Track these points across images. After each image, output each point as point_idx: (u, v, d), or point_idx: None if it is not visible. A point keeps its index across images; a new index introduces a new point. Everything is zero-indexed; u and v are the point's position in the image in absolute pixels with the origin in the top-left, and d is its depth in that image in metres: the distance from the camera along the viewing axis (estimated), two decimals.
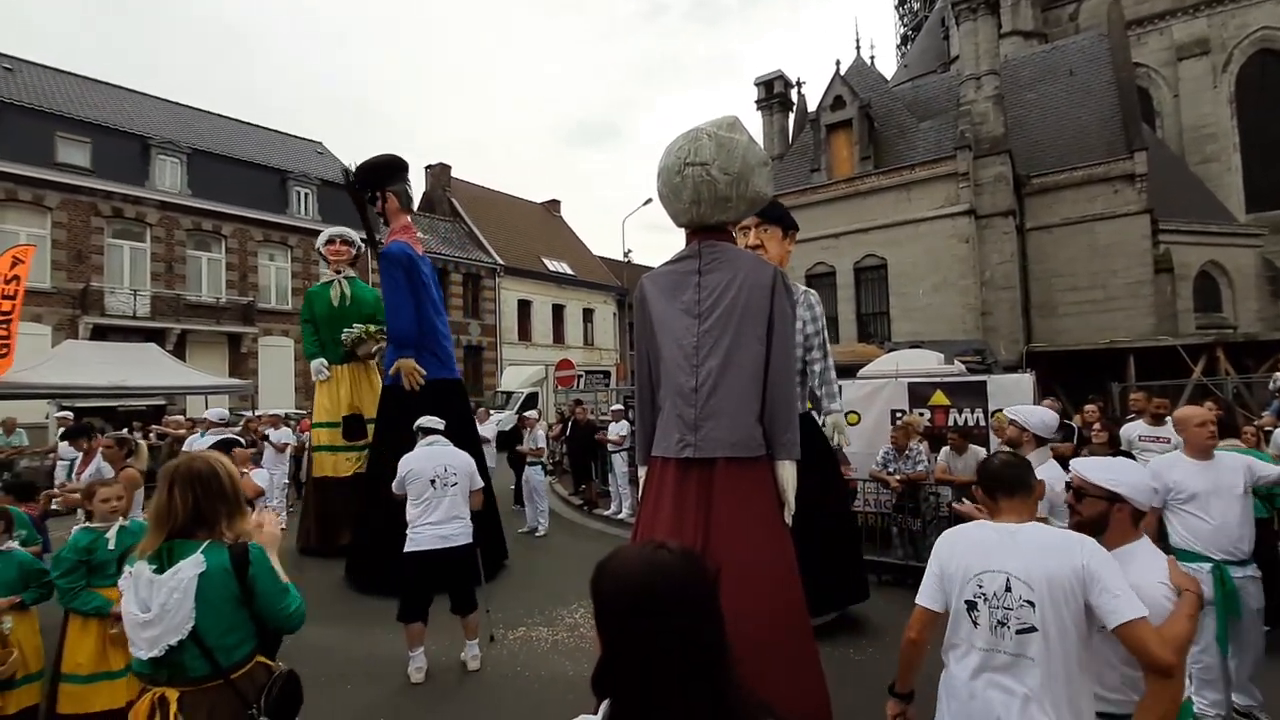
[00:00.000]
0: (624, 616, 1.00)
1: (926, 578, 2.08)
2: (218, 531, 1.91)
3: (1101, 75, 20.85)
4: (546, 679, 4.37)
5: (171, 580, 1.79)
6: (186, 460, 1.97)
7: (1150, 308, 18.12)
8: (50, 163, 17.65)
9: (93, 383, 12.96)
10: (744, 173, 3.00)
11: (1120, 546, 1.98)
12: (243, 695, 1.81)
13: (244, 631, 1.89)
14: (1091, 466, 2.14)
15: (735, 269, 3.05)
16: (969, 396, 7.68)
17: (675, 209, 3.16)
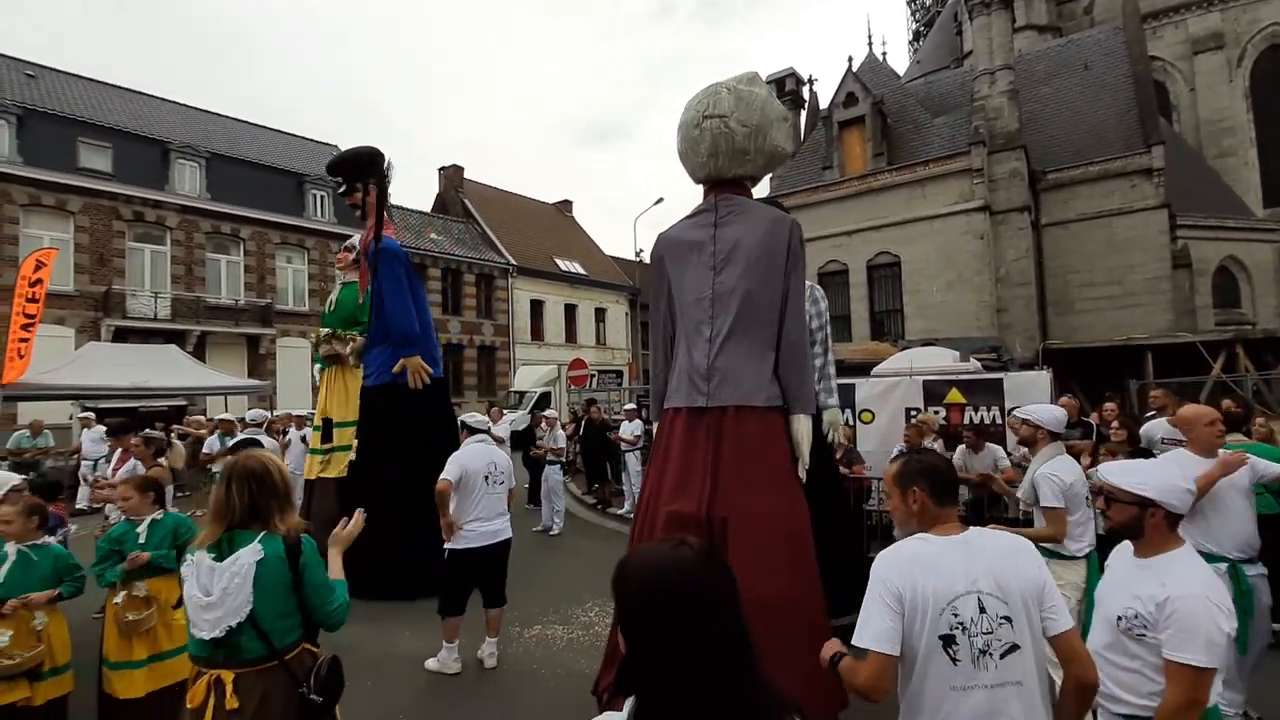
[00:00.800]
0: (642, 613, 1.01)
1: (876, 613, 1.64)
2: (271, 524, 2.05)
3: (1117, 69, 20.59)
4: (562, 676, 4.42)
5: (232, 566, 1.94)
6: (242, 459, 2.12)
7: (1168, 304, 17.88)
8: (73, 168, 17.97)
9: (115, 384, 13.19)
10: (762, 125, 2.98)
11: (1159, 554, 1.90)
12: (294, 675, 1.95)
13: (294, 618, 2.03)
14: (1118, 471, 2.03)
15: (751, 222, 3.01)
16: (985, 394, 7.63)
17: (693, 163, 3.13)
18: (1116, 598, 1.94)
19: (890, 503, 1.90)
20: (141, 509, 3.47)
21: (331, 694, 2.00)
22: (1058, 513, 3.30)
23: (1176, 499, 1.89)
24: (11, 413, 13.83)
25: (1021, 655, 1.59)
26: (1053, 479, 3.32)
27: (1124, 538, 2.01)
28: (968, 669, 1.58)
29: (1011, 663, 1.58)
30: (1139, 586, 1.86)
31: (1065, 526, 3.30)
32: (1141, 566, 1.92)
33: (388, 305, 6.56)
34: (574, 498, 11.52)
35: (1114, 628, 1.90)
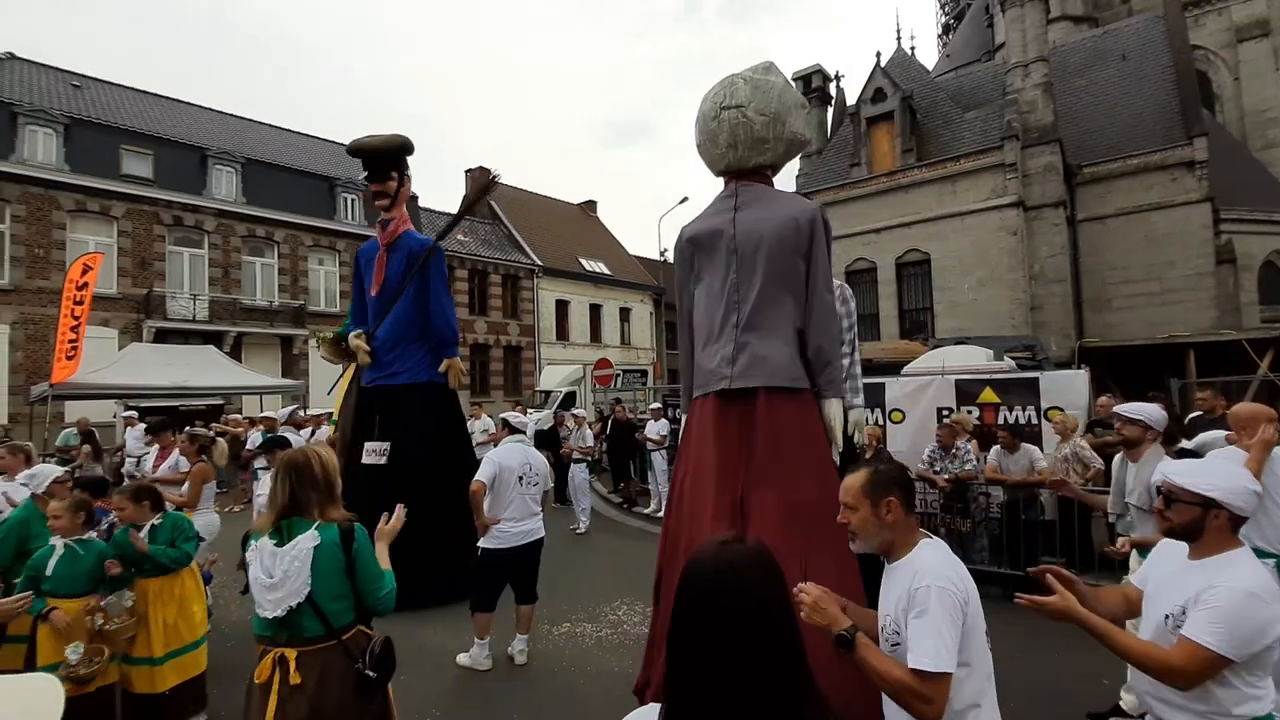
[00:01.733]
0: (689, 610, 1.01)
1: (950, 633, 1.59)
2: (310, 513, 2.15)
3: (1157, 59, 19.96)
4: (592, 674, 4.44)
5: (292, 551, 2.07)
6: (290, 452, 2.27)
7: (1211, 300, 17.27)
8: (116, 174, 18.57)
9: (156, 383, 13.62)
10: (780, 113, 2.97)
11: (1215, 555, 1.84)
12: (350, 653, 2.09)
13: (348, 601, 2.15)
14: (1183, 470, 1.96)
15: (772, 208, 3.00)
16: (1020, 394, 7.48)
17: (712, 155, 3.13)
18: (1166, 598, 1.88)
19: (854, 515, 1.81)
20: (139, 517, 3.53)
21: (385, 670, 2.13)
22: None
23: (1243, 501, 1.82)
24: (59, 411, 14.34)
25: None
26: None
27: (1180, 538, 1.93)
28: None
29: None
30: (1189, 587, 1.80)
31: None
32: (1195, 568, 1.86)
33: (435, 304, 6.43)
34: (600, 496, 11.56)
35: (1163, 627, 1.85)
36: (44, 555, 3.15)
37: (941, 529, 6.77)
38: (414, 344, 6.41)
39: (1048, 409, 7.22)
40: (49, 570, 3.13)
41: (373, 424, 6.18)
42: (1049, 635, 4.72)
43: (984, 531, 6.45)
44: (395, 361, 6.32)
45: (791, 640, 0.98)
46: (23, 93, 18.09)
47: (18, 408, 15.68)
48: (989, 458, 6.49)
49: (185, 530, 3.62)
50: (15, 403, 15.94)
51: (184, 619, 3.48)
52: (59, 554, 3.18)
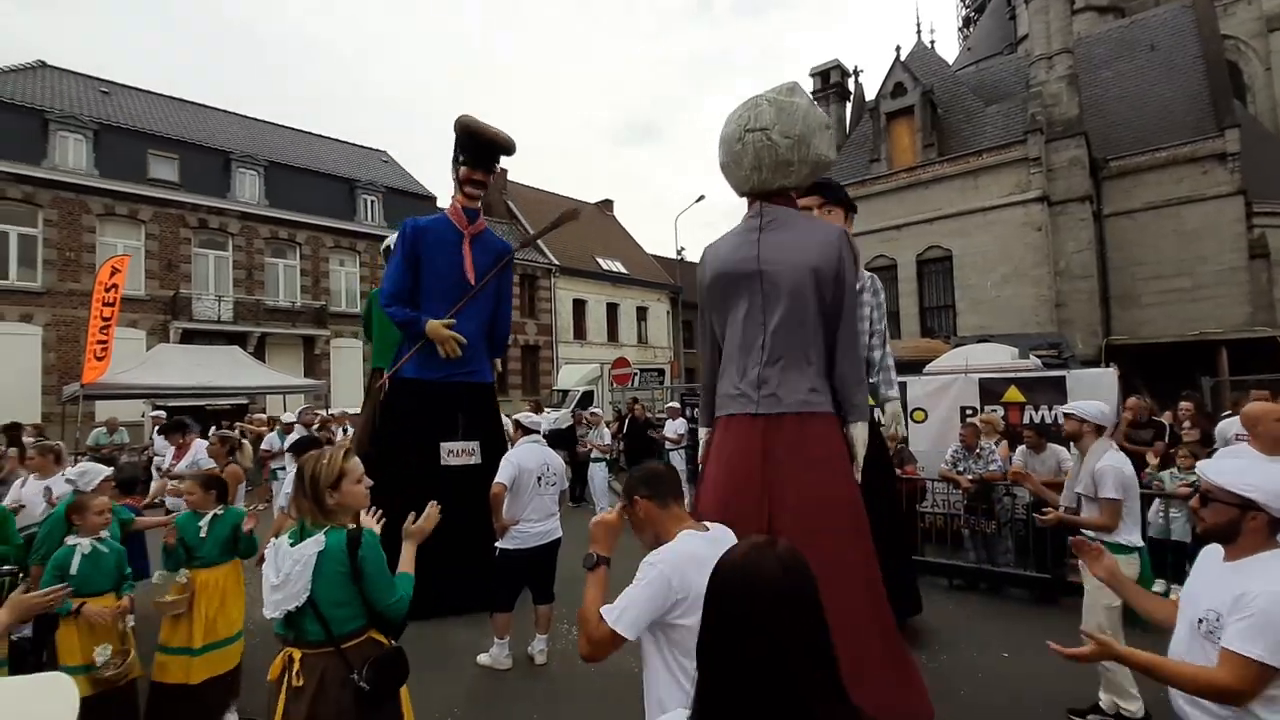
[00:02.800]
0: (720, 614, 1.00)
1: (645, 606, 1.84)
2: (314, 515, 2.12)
3: (1187, 49, 19.47)
4: (611, 674, 4.40)
5: (296, 553, 2.04)
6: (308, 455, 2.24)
7: (1244, 296, 16.81)
8: (143, 178, 18.95)
9: (183, 383, 13.88)
10: (805, 135, 2.96)
11: (1251, 557, 1.78)
12: (349, 662, 2.02)
13: (355, 608, 2.08)
14: (1222, 469, 1.88)
15: (797, 229, 3.01)
16: (1047, 393, 7.32)
17: (737, 177, 3.13)
18: (1200, 602, 1.83)
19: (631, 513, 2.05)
20: (205, 505, 3.64)
21: (383, 685, 2.04)
22: (1116, 504, 3.44)
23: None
24: (90, 411, 14.67)
25: None
26: (1117, 470, 3.45)
27: (1216, 541, 1.87)
28: None
29: None
30: (1225, 589, 1.75)
31: (1119, 519, 3.45)
32: (1231, 570, 1.80)
33: (505, 307, 6.45)
34: (617, 495, 11.53)
35: (1195, 632, 1.79)
36: (66, 554, 3.19)
37: (965, 530, 6.67)
38: (485, 341, 6.28)
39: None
40: (74, 569, 3.17)
41: (450, 423, 5.80)
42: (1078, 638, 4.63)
43: (1009, 533, 6.33)
44: (475, 358, 6.04)
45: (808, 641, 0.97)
46: (53, 100, 18.53)
47: (50, 407, 16.08)
48: (1014, 458, 6.36)
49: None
50: (48, 402, 16.34)
51: (223, 614, 3.54)
52: (84, 553, 3.22)
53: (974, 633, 4.93)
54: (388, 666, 2.08)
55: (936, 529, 6.85)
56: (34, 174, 16.96)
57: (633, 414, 11.44)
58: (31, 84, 18.73)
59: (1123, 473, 3.46)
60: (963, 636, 4.86)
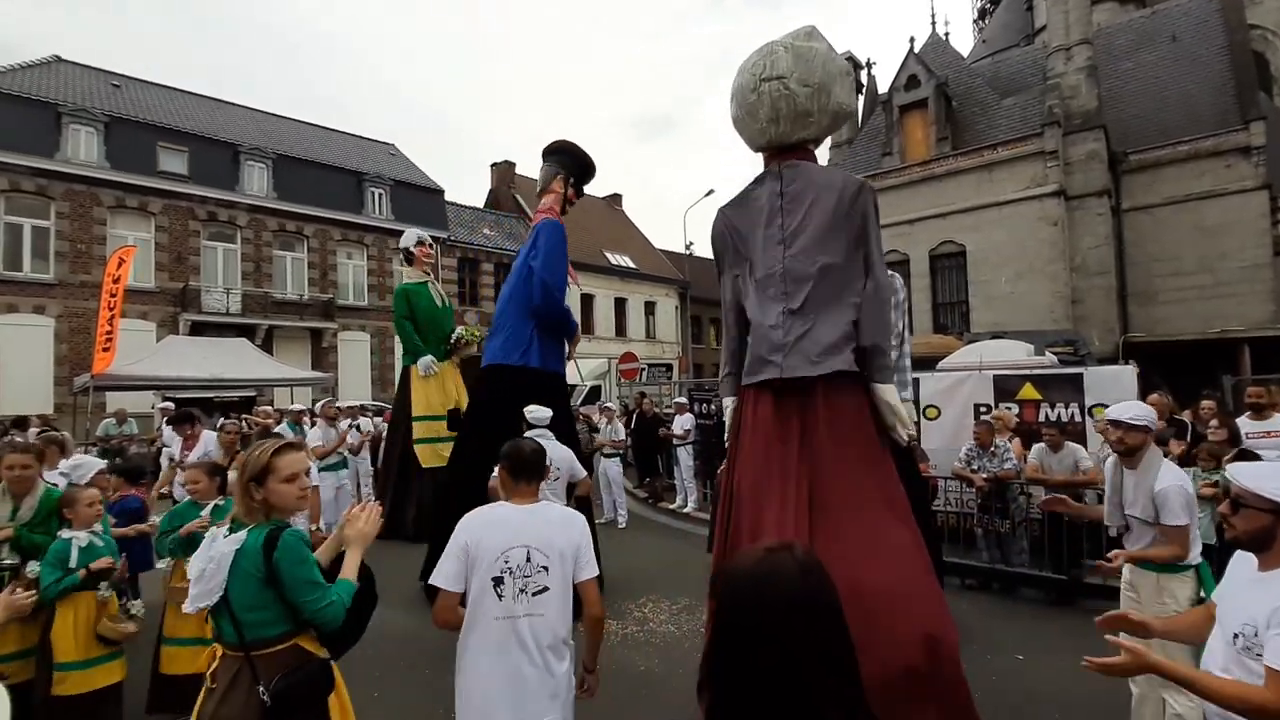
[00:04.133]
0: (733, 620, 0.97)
1: (448, 561, 2.14)
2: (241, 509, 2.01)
3: (1210, 40, 19.05)
4: (616, 672, 4.33)
5: (213, 550, 1.93)
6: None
7: (1268, 293, 16.45)
8: (153, 171, 19.03)
9: (192, 375, 13.94)
10: (825, 83, 2.78)
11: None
12: (256, 671, 1.87)
13: (273, 612, 1.92)
14: (1255, 474, 1.79)
15: (820, 187, 2.82)
16: (1063, 390, 7.15)
17: (751, 131, 2.94)
18: (1234, 614, 1.72)
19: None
20: (208, 494, 3.59)
21: (289, 700, 1.86)
22: (1184, 531, 2.94)
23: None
24: (101, 401, 14.76)
25: (550, 595, 2.15)
26: (1182, 491, 2.96)
27: (1248, 549, 1.76)
28: (509, 604, 2.11)
29: (541, 600, 2.13)
30: (1260, 601, 1.64)
31: (1189, 544, 2.98)
32: (1265, 580, 1.69)
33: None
34: (625, 491, 11.46)
35: (1231, 647, 1.69)
36: (64, 547, 3.15)
37: (978, 530, 6.53)
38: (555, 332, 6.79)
39: (1092, 406, 6.88)
40: (73, 561, 3.15)
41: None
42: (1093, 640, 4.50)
43: (1024, 533, 6.18)
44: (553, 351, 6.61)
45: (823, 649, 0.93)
46: (66, 93, 18.61)
47: (63, 398, 16.19)
48: (1030, 456, 6.20)
49: None
50: (60, 393, 16.46)
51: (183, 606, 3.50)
52: (80, 545, 3.19)
53: (988, 634, 4.83)
54: (299, 683, 1.90)
55: (949, 528, 6.71)
56: (47, 167, 17.06)
57: (641, 409, 11.33)
58: (45, 78, 18.81)
59: (1186, 491, 3.00)
60: (976, 637, 4.74)
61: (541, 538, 2.18)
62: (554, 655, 2.15)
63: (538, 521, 2.22)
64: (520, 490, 2.29)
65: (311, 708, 1.94)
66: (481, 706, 2.10)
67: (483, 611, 2.11)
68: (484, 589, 2.11)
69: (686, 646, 4.65)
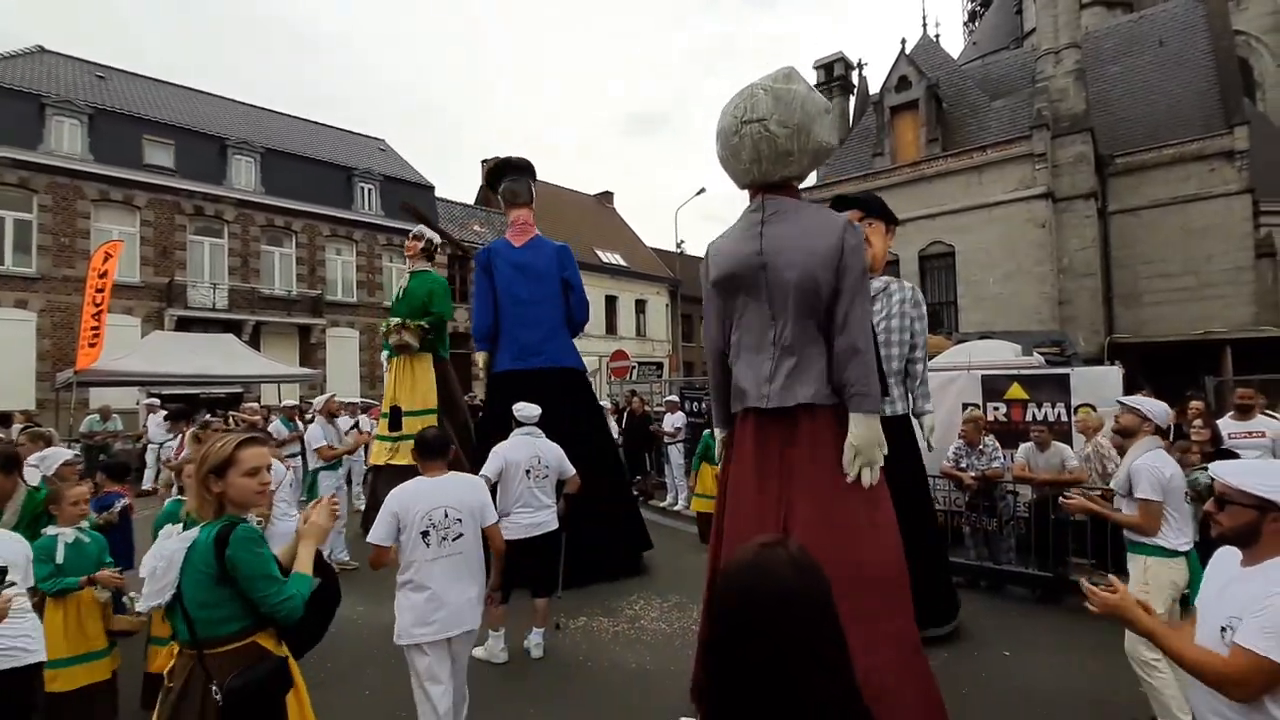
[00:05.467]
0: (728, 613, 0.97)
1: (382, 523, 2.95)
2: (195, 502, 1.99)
3: (1196, 45, 19.30)
4: (609, 669, 4.35)
5: (164, 547, 1.89)
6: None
7: (1250, 296, 16.71)
8: (138, 164, 18.78)
9: (178, 371, 13.78)
10: (804, 124, 2.86)
11: (1272, 559, 1.71)
12: (209, 669, 1.84)
13: (229, 609, 1.88)
14: (1238, 470, 1.82)
15: (800, 220, 2.94)
16: (1050, 390, 7.23)
17: (736, 170, 3.05)
18: (1222, 608, 1.75)
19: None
20: None
21: (243, 699, 1.83)
22: (1153, 505, 3.25)
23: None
24: (84, 398, 14.56)
25: (464, 539, 3.06)
26: (1154, 470, 3.26)
27: (1234, 544, 1.79)
28: (435, 549, 2.97)
29: (459, 543, 3.03)
30: (1247, 594, 1.68)
31: (1158, 521, 3.26)
32: (1249, 574, 1.73)
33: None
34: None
35: (1220, 640, 1.71)
36: (50, 543, 3.14)
37: (966, 528, 6.58)
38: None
39: (1078, 406, 6.97)
40: (59, 558, 3.16)
41: None
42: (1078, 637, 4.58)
43: (1011, 531, 6.24)
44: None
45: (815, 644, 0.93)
46: (50, 84, 18.33)
47: (45, 394, 15.96)
48: (1017, 455, 6.28)
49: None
50: (43, 389, 16.23)
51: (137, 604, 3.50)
52: (66, 542, 3.20)
53: (975, 631, 4.88)
54: (254, 681, 1.86)
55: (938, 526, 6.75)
56: (30, 159, 16.79)
57: (631, 408, 11.33)
58: (29, 69, 18.52)
59: (1160, 473, 3.24)
60: (964, 634, 4.79)
61: (454, 499, 3.04)
62: (471, 580, 3.06)
63: (449, 488, 3.08)
64: (430, 466, 3.12)
65: (267, 707, 1.90)
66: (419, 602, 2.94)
67: (416, 557, 2.95)
68: (415, 541, 2.95)
69: (678, 644, 4.66)
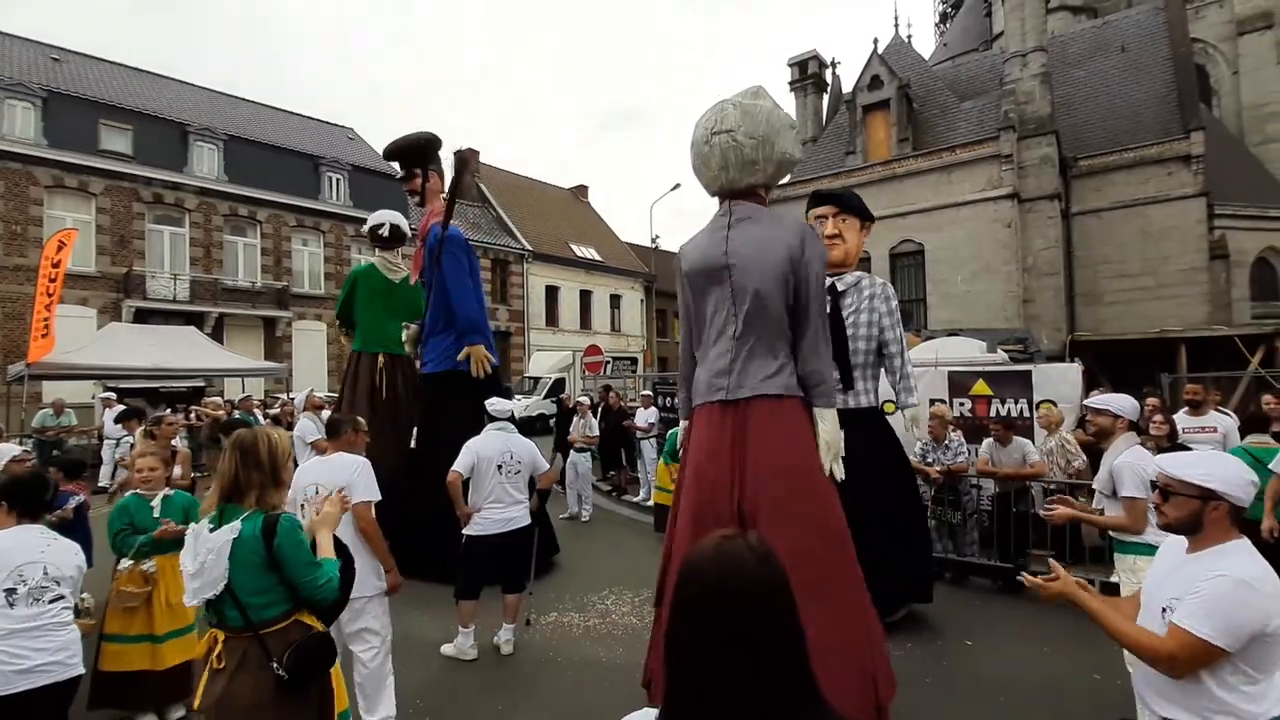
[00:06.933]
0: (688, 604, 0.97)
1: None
2: (249, 499, 2.10)
3: (1156, 51, 19.87)
4: (580, 664, 4.34)
5: (210, 541, 2.01)
6: (240, 431, 2.22)
7: (1204, 296, 17.32)
8: (94, 150, 18.10)
9: (135, 365, 13.33)
10: (769, 135, 3.14)
11: (1213, 546, 1.79)
12: (267, 649, 2.02)
13: (276, 594, 2.06)
14: (1179, 462, 1.90)
15: (763, 224, 3.22)
16: (1013, 386, 7.42)
17: (706, 178, 3.33)
18: (1164, 591, 1.84)
19: None
20: (160, 484, 3.58)
21: (302, 673, 2.02)
22: (1139, 504, 3.22)
23: (1242, 491, 1.78)
24: (36, 391, 14.03)
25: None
26: (1136, 468, 3.23)
27: (1179, 533, 1.88)
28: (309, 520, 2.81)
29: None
30: (1185, 579, 1.77)
31: (1145, 519, 3.21)
32: (1191, 560, 1.82)
33: (452, 292, 6.40)
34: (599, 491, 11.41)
35: (1160, 620, 1.80)
36: None
37: (931, 520, 6.70)
38: (441, 334, 6.55)
39: (1039, 402, 7.16)
40: None
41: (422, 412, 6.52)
42: (1039, 627, 4.71)
43: (975, 524, 6.39)
44: (428, 351, 6.66)
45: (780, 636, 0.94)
46: (2, 66, 17.55)
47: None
48: (981, 450, 6.41)
49: (198, 507, 3.63)
50: None
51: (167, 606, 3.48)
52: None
53: (938, 621, 4.98)
54: (308, 654, 2.06)
55: None
56: None
57: (607, 403, 11.31)
58: None
59: (1143, 470, 3.19)
60: (928, 624, 4.90)
61: (324, 477, 3.29)
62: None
63: (325, 468, 3.39)
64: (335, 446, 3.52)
65: (318, 678, 2.12)
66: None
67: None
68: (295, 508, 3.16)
69: (649, 638, 4.67)
